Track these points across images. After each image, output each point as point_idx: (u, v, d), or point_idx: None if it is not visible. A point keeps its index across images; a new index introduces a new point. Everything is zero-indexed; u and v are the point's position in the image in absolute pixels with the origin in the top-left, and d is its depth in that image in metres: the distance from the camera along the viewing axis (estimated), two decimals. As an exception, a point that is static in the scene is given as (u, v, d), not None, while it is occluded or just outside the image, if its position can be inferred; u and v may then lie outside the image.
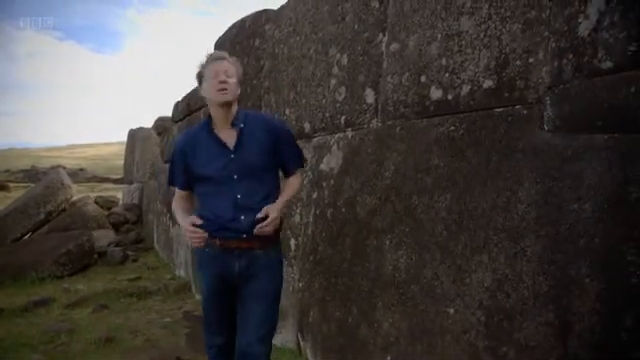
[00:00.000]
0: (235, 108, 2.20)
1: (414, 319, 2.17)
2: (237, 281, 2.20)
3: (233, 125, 2.18)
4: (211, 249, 2.19)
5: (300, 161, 2.40)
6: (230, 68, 2.17)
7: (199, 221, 2.15)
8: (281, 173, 2.34)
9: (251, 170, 2.15)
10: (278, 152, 2.23)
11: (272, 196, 2.20)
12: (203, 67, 2.20)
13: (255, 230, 2.09)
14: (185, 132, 2.41)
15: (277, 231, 2.24)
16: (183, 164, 2.23)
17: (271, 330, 2.26)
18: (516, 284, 1.73)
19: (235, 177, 2.13)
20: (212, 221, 2.15)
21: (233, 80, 2.16)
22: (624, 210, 1.43)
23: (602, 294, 1.46)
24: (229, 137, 2.17)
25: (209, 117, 2.22)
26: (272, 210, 2.12)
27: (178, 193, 2.37)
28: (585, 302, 1.49)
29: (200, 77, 2.22)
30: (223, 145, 2.16)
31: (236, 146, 2.15)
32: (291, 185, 2.34)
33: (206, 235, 2.14)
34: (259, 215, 2.10)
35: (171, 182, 2.39)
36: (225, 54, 2.25)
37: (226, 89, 2.12)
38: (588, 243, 1.51)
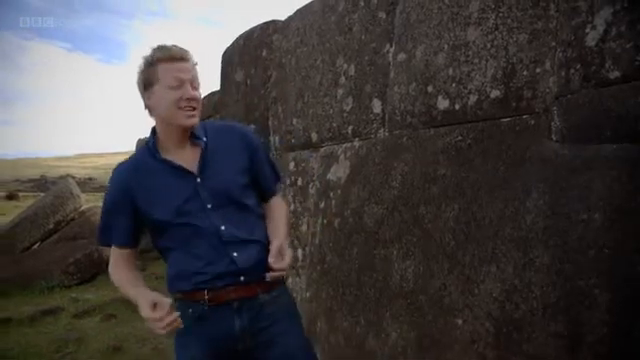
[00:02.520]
0: None
1: (422, 329, 2.16)
2: (240, 346, 1.60)
3: (192, 142, 1.63)
4: (196, 309, 1.59)
5: (279, 175, 1.89)
6: (195, 73, 1.59)
7: (166, 302, 1.49)
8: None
9: (227, 195, 1.61)
10: (255, 168, 1.72)
11: (261, 222, 1.72)
12: (151, 65, 1.55)
13: (268, 276, 1.58)
14: (122, 166, 1.67)
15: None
16: (129, 209, 1.60)
17: None
18: (525, 295, 1.72)
19: (209, 206, 1.59)
20: (194, 272, 1.59)
21: (199, 93, 1.60)
22: (634, 220, 1.42)
23: (612, 305, 1.44)
24: (188, 159, 1.61)
25: (152, 135, 1.64)
26: (284, 243, 1.64)
27: (117, 254, 1.69)
28: (595, 313, 1.48)
29: (149, 81, 1.56)
30: (182, 170, 1.60)
31: (201, 168, 1.61)
32: (280, 209, 1.83)
33: (177, 316, 1.48)
34: (272, 255, 1.57)
35: (106, 240, 1.68)
36: (186, 51, 1.58)
37: (194, 108, 1.56)
38: (597, 254, 1.50)
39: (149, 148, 1.63)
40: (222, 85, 4.82)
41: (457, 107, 2.15)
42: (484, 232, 1.92)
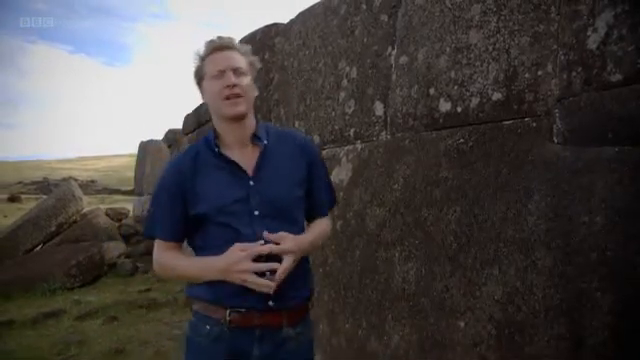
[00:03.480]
0: (252, 119, 1.54)
1: (424, 332, 2.16)
2: None
3: (254, 141, 1.52)
4: (215, 328, 1.45)
5: (334, 198, 1.74)
6: (240, 61, 1.50)
7: (252, 245, 1.39)
8: None
9: (276, 206, 1.48)
10: (310, 183, 1.57)
11: None
12: (202, 60, 1.52)
13: (273, 281, 1.39)
14: (180, 155, 1.62)
15: (308, 300, 1.60)
16: (179, 200, 1.48)
17: None
18: (527, 297, 1.72)
19: (256, 213, 1.45)
20: (221, 283, 1.42)
21: (246, 81, 1.49)
22: (636, 223, 1.42)
23: (614, 308, 1.45)
24: (245, 158, 1.50)
25: (214, 131, 1.55)
26: (288, 239, 1.43)
27: (164, 246, 1.55)
28: (597, 315, 1.48)
29: (199, 76, 1.53)
30: (237, 168, 1.48)
31: (256, 170, 1.49)
32: (321, 225, 1.65)
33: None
34: (265, 239, 1.40)
35: (152, 231, 1.56)
36: (232, 41, 1.53)
37: (239, 95, 1.46)
38: (599, 256, 1.50)
39: (207, 140, 1.54)
40: (224, 88, 4.84)
41: (459, 110, 2.15)
42: (486, 234, 1.92)
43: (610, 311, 1.45)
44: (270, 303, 1.42)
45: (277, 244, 1.41)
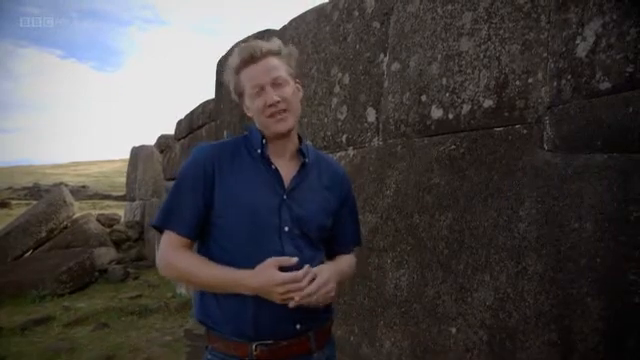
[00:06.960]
0: (296, 130, 1.43)
1: (416, 338, 2.16)
2: None
3: (296, 155, 1.42)
4: None
5: (360, 238, 1.60)
6: (278, 68, 1.35)
7: (292, 259, 1.25)
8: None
9: (304, 226, 1.35)
10: (338, 218, 1.46)
11: None
12: (237, 74, 1.38)
13: (292, 303, 1.22)
14: (206, 145, 1.43)
15: (331, 321, 1.49)
16: (205, 190, 1.32)
17: None
18: (518, 303, 1.73)
19: (286, 229, 1.32)
20: (240, 311, 1.29)
21: (288, 90, 1.35)
22: (625, 229, 1.43)
23: (604, 314, 1.45)
24: (283, 169, 1.38)
25: (258, 131, 1.41)
26: (325, 271, 1.30)
27: (176, 243, 1.34)
28: (587, 321, 1.49)
29: (239, 92, 1.40)
30: (278, 177, 1.36)
31: (292, 186, 1.37)
32: (347, 260, 1.52)
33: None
34: (303, 271, 1.22)
35: (166, 222, 1.35)
36: (265, 45, 1.37)
37: (284, 110, 1.34)
38: (589, 262, 1.51)
39: (248, 139, 1.41)
40: (217, 93, 4.83)
41: (450, 116, 2.16)
42: (478, 241, 1.93)
43: (600, 317, 1.46)
44: (297, 326, 1.32)
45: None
